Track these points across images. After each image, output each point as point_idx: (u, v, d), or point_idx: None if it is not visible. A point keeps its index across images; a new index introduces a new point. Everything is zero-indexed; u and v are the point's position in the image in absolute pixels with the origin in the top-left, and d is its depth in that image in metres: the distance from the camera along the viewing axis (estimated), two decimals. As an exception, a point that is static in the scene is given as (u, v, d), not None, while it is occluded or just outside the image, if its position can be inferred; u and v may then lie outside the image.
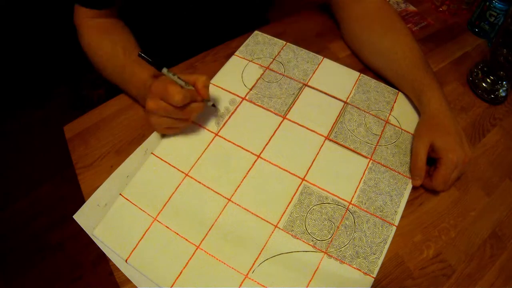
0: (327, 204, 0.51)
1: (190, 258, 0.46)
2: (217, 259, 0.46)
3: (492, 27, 0.73)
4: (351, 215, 0.50)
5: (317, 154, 0.55)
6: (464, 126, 0.62)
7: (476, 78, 0.66)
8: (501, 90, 0.65)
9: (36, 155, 1.41)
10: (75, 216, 0.50)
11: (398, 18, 0.63)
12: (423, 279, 0.47)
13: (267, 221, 0.49)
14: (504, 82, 0.64)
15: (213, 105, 0.56)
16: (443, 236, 0.51)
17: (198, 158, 0.54)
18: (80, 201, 0.50)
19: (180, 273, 0.45)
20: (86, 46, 0.59)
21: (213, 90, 0.61)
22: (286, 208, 0.50)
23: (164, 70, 0.48)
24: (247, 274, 0.45)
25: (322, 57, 0.66)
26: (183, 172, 0.53)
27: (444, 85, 0.67)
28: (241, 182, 0.52)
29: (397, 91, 0.63)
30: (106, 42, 0.57)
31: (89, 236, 0.48)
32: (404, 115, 0.60)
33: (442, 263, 0.49)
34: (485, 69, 0.66)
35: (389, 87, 0.63)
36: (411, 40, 0.60)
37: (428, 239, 0.50)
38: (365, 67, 0.67)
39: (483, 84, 0.65)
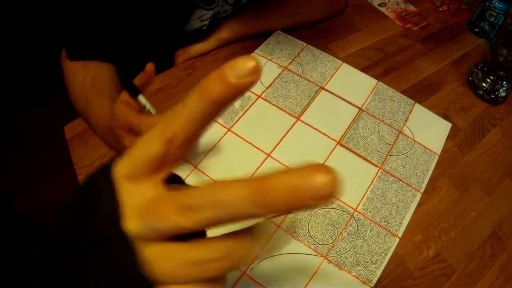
0: (332, 209, 0.51)
1: None
2: None
3: (492, 27, 0.73)
4: (355, 222, 0.50)
5: (327, 158, 0.55)
6: (464, 126, 0.62)
7: (476, 78, 0.66)
8: (501, 90, 0.65)
9: (36, 155, 1.40)
10: None
11: None
12: (423, 279, 0.47)
13: (270, 220, 0.49)
14: (504, 82, 0.64)
15: None
16: (443, 236, 0.51)
17: (208, 152, 0.54)
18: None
19: None
20: (65, 79, 0.57)
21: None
22: None
23: (141, 98, 0.43)
24: (245, 271, 0.45)
25: (341, 62, 0.66)
26: (192, 164, 0.53)
27: (444, 85, 0.67)
28: None
29: (414, 102, 0.63)
30: (80, 71, 0.55)
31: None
32: (418, 126, 0.60)
33: (442, 263, 0.49)
34: (485, 69, 0.66)
35: (405, 97, 0.63)
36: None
37: (428, 239, 0.50)
38: (380, 74, 0.67)
39: (483, 84, 0.65)
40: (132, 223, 0.16)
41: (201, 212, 0.15)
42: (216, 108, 0.16)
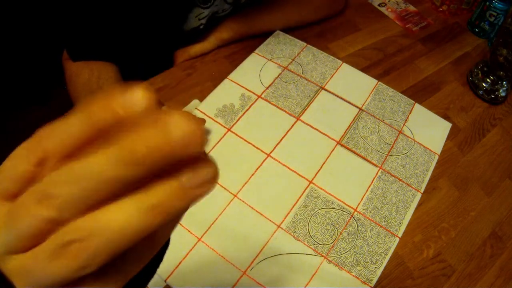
0: (332, 209, 0.51)
1: (190, 250, 0.46)
2: (217, 253, 0.46)
3: (492, 27, 0.73)
4: (355, 222, 0.50)
5: (327, 158, 0.55)
6: (464, 126, 0.62)
7: (476, 78, 0.66)
8: (501, 90, 0.65)
9: (36, 155, 1.40)
10: None
11: None
12: (423, 279, 0.47)
13: (270, 220, 0.49)
14: (504, 82, 0.64)
15: None
16: (443, 236, 0.51)
17: (208, 152, 0.54)
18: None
19: (179, 264, 0.45)
20: (68, 80, 0.58)
21: (229, 86, 0.61)
22: (291, 209, 0.50)
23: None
24: (245, 271, 0.45)
25: (341, 62, 0.66)
26: None
27: (444, 85, 0.67)
28: (249, 179, 0.52)
29: (414, 102, 0.63)
30: (85, 70, 0.56)
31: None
32: (418, 126, 0.60)
33: (442, 263, 0.49)
34: (485, 69, 0.66)
35: (405, 97, 0.63)
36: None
37: (428, 239, 0.50)
38: (380, 74, 0.67)
39: (483, 84, 0.65)
40: None
41: (61, 193, 0.13)
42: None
